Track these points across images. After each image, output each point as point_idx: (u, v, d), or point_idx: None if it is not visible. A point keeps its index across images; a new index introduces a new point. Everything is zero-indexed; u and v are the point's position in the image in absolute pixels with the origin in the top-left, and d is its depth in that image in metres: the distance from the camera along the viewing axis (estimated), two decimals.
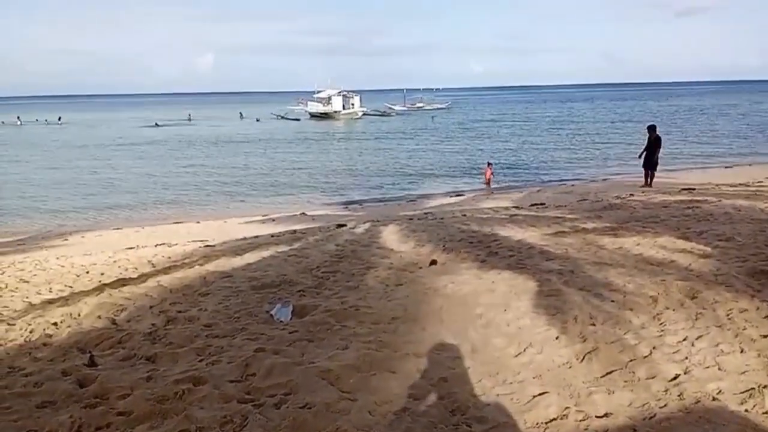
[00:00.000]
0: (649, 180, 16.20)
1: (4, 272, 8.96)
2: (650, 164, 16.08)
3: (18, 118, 77.60)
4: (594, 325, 4.48)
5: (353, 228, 11.17)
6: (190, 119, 73.78)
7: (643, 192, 14.63)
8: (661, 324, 4.44)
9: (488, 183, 21.74)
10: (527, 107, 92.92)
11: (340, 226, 11.82)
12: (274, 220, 16.05)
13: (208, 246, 10.39)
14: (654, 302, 4.87)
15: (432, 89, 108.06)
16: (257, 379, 3.84)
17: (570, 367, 3.84)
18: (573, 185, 20.47)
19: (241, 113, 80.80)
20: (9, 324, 5.70)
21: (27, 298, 6.89)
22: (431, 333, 4.57)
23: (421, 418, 3.23)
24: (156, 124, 64.41)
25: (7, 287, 7.66)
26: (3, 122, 76.55)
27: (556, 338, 4.28)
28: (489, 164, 22.62)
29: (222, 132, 55.53)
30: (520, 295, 5.32)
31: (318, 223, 13.58)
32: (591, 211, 10.57)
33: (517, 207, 13.19)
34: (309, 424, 3.19)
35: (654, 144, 15.82)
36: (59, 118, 77.32)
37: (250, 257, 8.50)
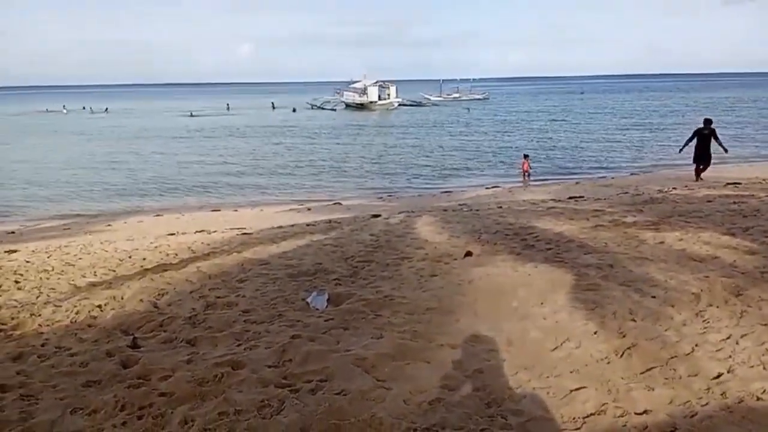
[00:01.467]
0: (699, 174, 15.64)
1: (50, 255, 9.30)
2: (703, 158, 15.49)
3: (63, 107, 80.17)
4: (634, 320, 4.39)
5: (388, 218, 11.18)
6: (228, 109, 74.76)
7: (686, 186, 14.22)
8: (704, 321, 4.33)
9: (525, 175, 21.46)
10: (565, 98, 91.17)
11: (374, 216, 11.85)
12: (309, 209, 16.21)
13: (245, 234, 10.57)
14: (697, 299, 4.76)
15: (469, 79, 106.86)
16: (294, 365, 3.90)
17: (608, 363, 3.78)
18: (612, 178, 20.05)
19: (273, 103, 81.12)
20: (56, 305, 5.92)
21: (72, 280, 7.14)
22: (466, 324, 4.56)
23: (455, 409, 3.23)
24: (191, 114, 65.41)
25: (53, 270, 7.95)
26: (47, 110, 79.14)
27: (595, 333, 4.22)
28: (526, 156, 22.31)
29: (258, 122, 56.13)
30: (558, 288, 5.25)
31: (353, 213, 13.65)
32: (631, 205, 10.32)
33: (554, 199, 12.98)
34: (344, 411, 3.23)
35: (708, 137, 15.23)
36: (106, 109, 79.35)
37: (287, 245, 8.61)
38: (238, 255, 8.07)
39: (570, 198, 13.06)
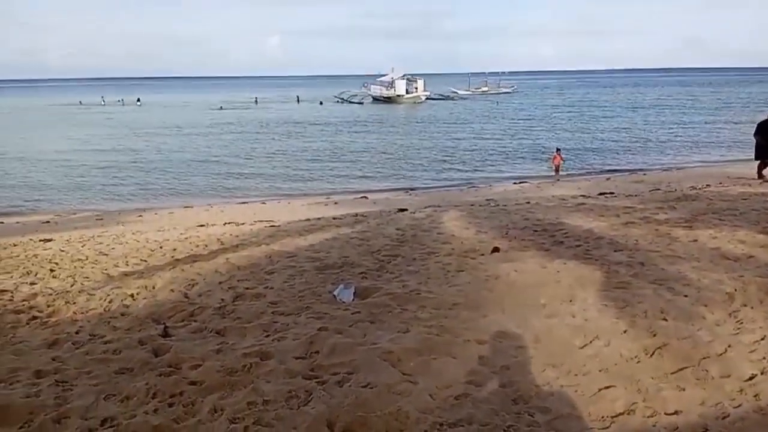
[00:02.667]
0: (762, 171, 14.90)
1: (84, 245, 9.55)
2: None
3: (102, 98, 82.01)
4: (665, 320, 4.32)
5: (414, 213, 11.17)
6: (256, 103, 75.36)
7: (720, 183, 13.86)
8: (737, 321, 4.24)
9: (556, 170, 21.18)
10: (597, 92, 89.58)
11: (401, 210, 11.85)
12: (335, 202, 16.30)
13: (273, 226, 10.68)
14: (731, 299, 4.66)
15: (498, 73, 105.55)
16: (321, 357, 3.94)
17: (638, 362, 3.72)
18: (644, 174, 19.68)
19: (297, 97, 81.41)
20: (89, 294, 6.08)
21: (106, 270, 7.31)
22: (493, 320, 4.53)
23: (482, 405, 3.23)
24: (221, 107, 66.10)
25: (87, 259, 8.16)
26: (81, 102, 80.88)
27: (624, 332, 4.16)
28: (558, 150, 22.01)
29: (285, 115, 56.50)
30: (587, 286, 5.18)
31: (379, 207, 13.68)
32: (664, 202, 10.12)
33: (584, 195, 12.79)
34: (371, 404, 3.25)
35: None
36: (138, 100, 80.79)
37: (313, 238, 8.67)
38: (266, 247, 8.16)
39: (600, 194, 12.86)
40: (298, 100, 77.95)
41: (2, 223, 15.01)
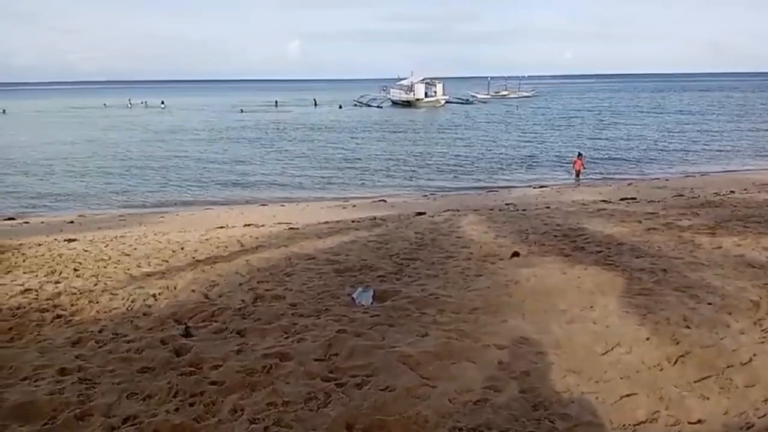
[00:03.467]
0: None
1: (107, 245, 9.69)
2: None
3: (129, 101, 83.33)
4: (688, 327, 4.26)
5: (432, 216, 11.16)
6: (276, 106, 75.85)
7: (744, 190, 13.63)
8: (762, 330, 4.17)
9: (577, 175, 20.99)
10: (619, 96, 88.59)
11: (419, 214, 11.85)
12: (354, 205, 16.34)
13: (292, 228, 10.74)
14: (756, 307, 4.57)
15: (518, 77, 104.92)
16: (340, 359, 3.95)
17: (661, 370, 3.67)
18: (667, 180, 19.43)
19: (315, 100, 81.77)
20: (112, 294, 6.17)
21: (128, 270, 7.41)
22: (512, 326, 4.51)
23: (501, 410, 3.21)
24: (241, 110, 66.60)
25: (110, 259, 8.28)
26: (105, 104, 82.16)
27: (647, 339, 4.11)
28: (580, 155, 21.80)
29: (305, 119, 56.79)
30: (608, 292, 5.13)
31: (397, 210, 13.68)
32: (687, 208, 9.98)
33: (605, 200, 12.67)
34: (390, 407, 3.25)
35: None
36: (162, 102, 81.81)
37: (332, 241, 8.71)
38: (285, 249, 8.21)
39: (622, 199, 12.73)
40: (315, 104, 78.33)
41: (27, 223, 15.31)
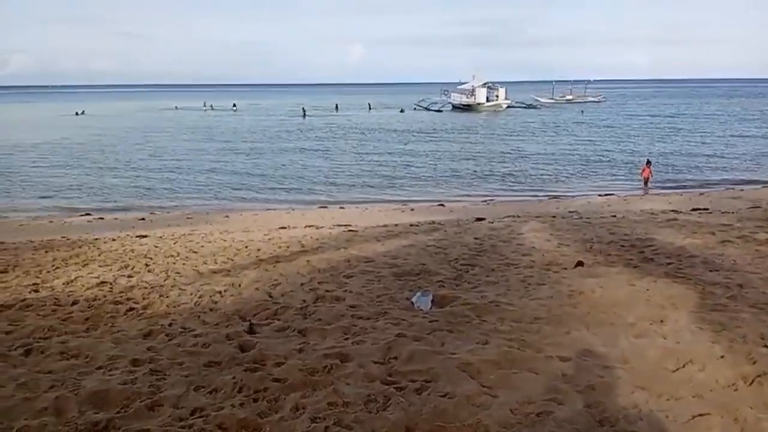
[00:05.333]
0: None
1: (176, 242, 10.10)
2: None
3: (204, 104, 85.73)
4: (766, 346, 4.01)
5: (492, 222, 11.02)
6: (337, 109, 76.85)
7: None
8: None
9: (646, 183, 20.20)
10: (689, 102, 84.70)
11: (478, 219, 11.72)
12: (412, 209, 16.34)
13: (351, 230, 10.86)
14: None
15: (584, 81, 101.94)
16: (399, 363, 3.95)
17: (736, 390, 3.47)
18: (742, 190, 18.42)
19: (369, 104, 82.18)
20: (181, 289, 6.42)
21: (196, 266, 7.70)
22: (577, 337, 4.38)
23: (565, 424, 3.12)
24: (303, 114, 67.72)
25: (179, 256, 8.62)
26: (176, 107, 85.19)
27: (721, 357, 3.89)
28: (648, 162, 20.98)
29: (364, 122, 57.28)
30: (679, 307, 4.90)
31: (456, 215, 13.59)
32: (764, 221, 9.43)
33: (675, 210, 12.14)
34: (449, 414, 3.22)
35: None
36: (234, 105, 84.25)
37: (390, 244, 8.74)
38: (344, 251, 8.31)
39: (693, 209, 12.16)
40: (369, 108, 78.88)
41: (102, 219, 16.16)
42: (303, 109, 70.16)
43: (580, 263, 6.66)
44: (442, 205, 17.39)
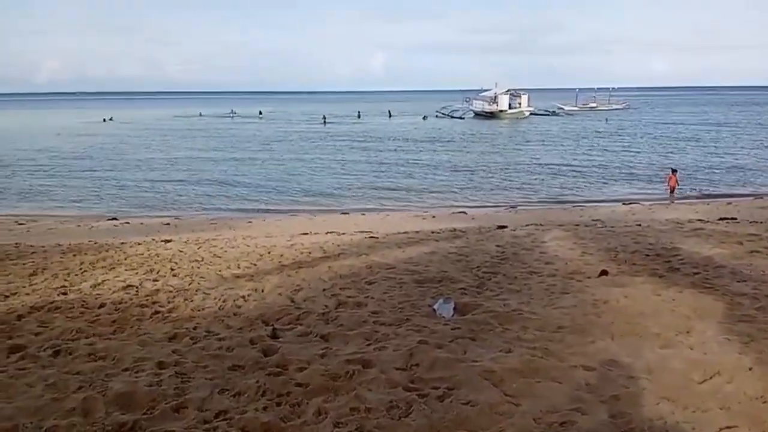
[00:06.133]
0: None
1: (200, 247, 10.23)
2: None
3: (231, 111, 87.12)
4: None
5: (514, 230, 10.95)
6: (359, 117, 77.14)
7: None
8: None
9: (671, 192, 19.90)
10: (715, 110, 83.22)
11: (500, 227, 11.65)
12: (433, 216, 16.32)
13: (372, 237, 10.88)
14: None
15: (607, 89, 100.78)
16: (421, 370, 3.95)
17: (765, 402, 3.40)
18: None
19: (389, 111, 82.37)
20: (205, 293, 6.51)
21: (220, 271, 7.79)
22: (601, 347, 4.33)
23: None
24: (324, 121, 68.12)
25: (203, 260, 8.73)
26: (201, 114, 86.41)
27: (750, 369, 3.82)
28: (674, 171, 20.67)
29: (387, 129, 57.41)
30: (706, 317, 4.82)
31: (478, 223, 13.53)
32: None
33: (702, 219, 11.93)
34: (472, 422, 3.21)
35: None
36: (260, 112, 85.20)
37: (412, 251, 8.74)
38: (366, 257, 8.33)
39: (720, 219, 11.93)
40: (389, 115, 79.15)
41: (128, 223, 16.44)
42: (324, 116, 70.64)
43: (604, 272, 6.59)
44: (463, 212, 17.34)
